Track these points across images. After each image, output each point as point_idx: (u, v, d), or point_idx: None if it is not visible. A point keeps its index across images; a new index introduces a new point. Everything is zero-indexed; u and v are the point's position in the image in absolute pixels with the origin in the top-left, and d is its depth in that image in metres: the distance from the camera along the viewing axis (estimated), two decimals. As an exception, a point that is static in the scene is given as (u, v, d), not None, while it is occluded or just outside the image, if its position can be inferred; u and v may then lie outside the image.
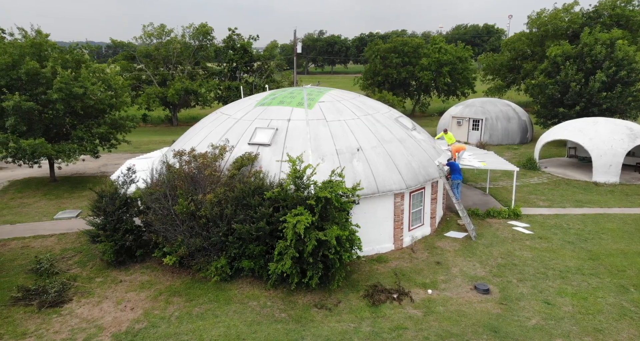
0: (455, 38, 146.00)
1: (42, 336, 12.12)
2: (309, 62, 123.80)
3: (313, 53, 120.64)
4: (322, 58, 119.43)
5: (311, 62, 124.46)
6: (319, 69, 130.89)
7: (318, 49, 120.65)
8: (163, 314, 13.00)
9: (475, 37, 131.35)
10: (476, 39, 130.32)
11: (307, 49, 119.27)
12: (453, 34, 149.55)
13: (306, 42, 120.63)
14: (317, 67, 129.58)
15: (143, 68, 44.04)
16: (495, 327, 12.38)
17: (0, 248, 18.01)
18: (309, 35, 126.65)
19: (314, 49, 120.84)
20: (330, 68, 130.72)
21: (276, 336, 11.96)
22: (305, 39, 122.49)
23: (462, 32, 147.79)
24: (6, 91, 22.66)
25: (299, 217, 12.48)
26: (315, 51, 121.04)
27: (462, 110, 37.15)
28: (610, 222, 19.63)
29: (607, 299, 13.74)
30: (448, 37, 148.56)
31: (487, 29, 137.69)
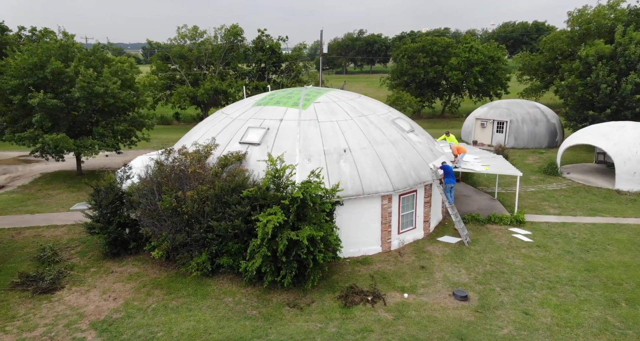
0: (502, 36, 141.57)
1: (28, 321, 12.96)
2: (348, 61, 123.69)
3: (352, 52, 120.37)
4: (360, 58, 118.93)
5: (350, 61, 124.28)
6: (357, 69, 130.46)
7: (357, 48, 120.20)
8: (141, 305, 13.58)
9: (523, 34, 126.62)
10: (525, 37, 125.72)
11: (346, 48, 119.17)
12: (499, 31, 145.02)
13: (345, 41, 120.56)
14: (357, 66, 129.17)
15: (177, 68, 45.56)
16: (463, 335, 12.14)
17: (15, 236, 19.29)
18: (348, 34, 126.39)
19: (353, 49, 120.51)
20: (370, 67, 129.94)
21: (242, 332, 12.25)
22: (345, 39, 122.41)
23: (509, 30, 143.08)
24: (33, 89, 24.17)
25: (270, 216, 12.71)
26: (354, 50, 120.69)
27: (486, 112, 36.17)
28: (621, 233, 18.66)
29: (592, 312, 13.15)
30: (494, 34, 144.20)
31: (537, 27, 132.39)
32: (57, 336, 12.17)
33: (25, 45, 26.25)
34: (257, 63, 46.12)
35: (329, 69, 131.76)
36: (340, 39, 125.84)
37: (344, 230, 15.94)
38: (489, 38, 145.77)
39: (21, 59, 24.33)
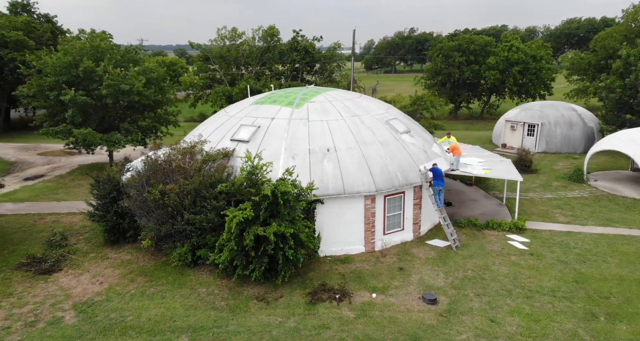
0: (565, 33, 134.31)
1: (22, 298, 14.23)
2: (398, 60, 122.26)
3: (402, 51, 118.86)
4: (410, 56, 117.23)
5: (400, 60, 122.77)
6: (407, 68, 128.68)
7: (407, 47, 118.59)
8: (122, 290, 14.51)
9: (590, 31, 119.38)
10: (591, 33, 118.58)
11: (395, 47, 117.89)
12: (563, 28, 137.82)
13: (395, 40, 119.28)
14: (407, 65, 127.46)
15: (216, 68, 47.19)
16: (418, 337, 12.07)
17: (37, 221, 21.01)
18: (399, 33, 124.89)
19: (403, 47, 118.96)
20: (420, 66, 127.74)
21: (204, 321, 12.82)
22: (395, 37, 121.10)
23: (573, 26, 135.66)
24: (65, 86, 26.09)
25: (237, 212, 13.19)
26: (404, 49, 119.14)
27: (517, 114, 34.84)
28: (629, 245, 17.59)
29: (564, 324, 12.61)
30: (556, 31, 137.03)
31: (605, 23, 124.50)
32: (41, 314, 13.29)
33: (61, 45, 28.32)
34: (291, 63, 46.85)
35: (378, 68, 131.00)
36: (390, 38, 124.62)
37: (325, 228, 16.18)
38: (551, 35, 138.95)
39: (56, 58, 26.31)
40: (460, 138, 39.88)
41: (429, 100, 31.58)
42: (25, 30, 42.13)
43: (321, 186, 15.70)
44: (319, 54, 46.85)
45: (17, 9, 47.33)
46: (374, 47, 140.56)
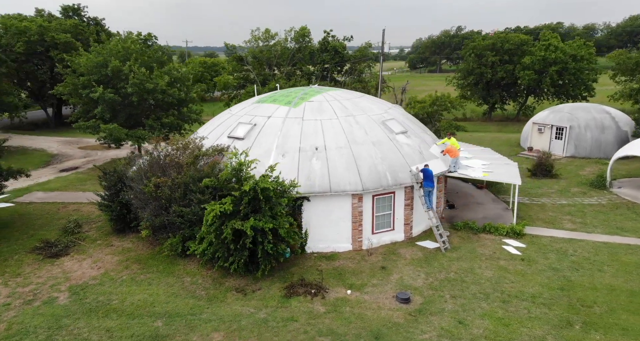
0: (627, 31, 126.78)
1: (27, 278, 15.54)
2: (444, 59, 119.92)
3: (447, 50, 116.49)
4: (456, 55, 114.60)
5: (446, 59, 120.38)
6: (454, 67, 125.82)
7: (453, 46, 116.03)
8: (115, 276, 15.53)
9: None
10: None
11: (441, 45, 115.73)
12: (625, 25, 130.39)
13: (440, 38, 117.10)
14: (453, 65, 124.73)
15: (249, 69, 48.50)
16: (380, 334, 12.24)
17: (61, 209, 22.65)
18: (445, 31, 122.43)
19: (449, 46, 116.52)
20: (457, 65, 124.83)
21: (181, 308, 13.55)
22: (440, 36, 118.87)
23: (637, 23, 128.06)
24: (95, 85, 27.84)
25: (215, 205, 13.83)
26: (450, 48, 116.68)
27: (545, 116, 33.65)
28: (632, 255, 16.84)
29: (534, 331, 12.38)
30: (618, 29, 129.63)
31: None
32: (39, 294, 14.50)
33: (92, 46, 30.20)
34: (321, 63, 47.35)
35: (423, 67, 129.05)
36: (436, 36, 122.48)
37: (312, 225, 16.57)
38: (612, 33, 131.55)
39: (87, 59, 28.14)
40: (489, 140, 39.07)
41: (448, 100, 31.11)
42: (73, 33, 45.07)
43: (308, 184, 16.10)
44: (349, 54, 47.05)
45: (68, 13, 50.62)
46: (420, 45, 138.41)
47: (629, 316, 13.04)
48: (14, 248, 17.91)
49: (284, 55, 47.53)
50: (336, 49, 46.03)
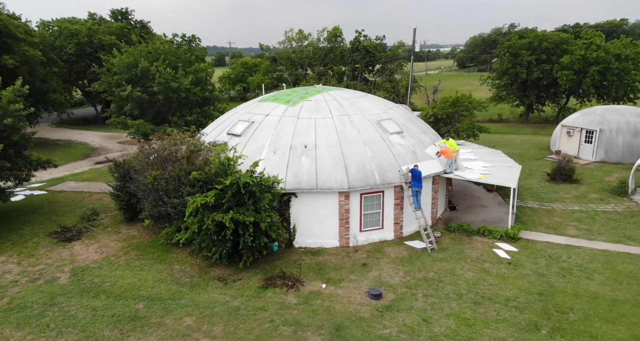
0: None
1: (39, 259, 17.07)
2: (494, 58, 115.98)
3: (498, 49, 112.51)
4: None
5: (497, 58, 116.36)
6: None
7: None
8: (114, 261, 16.76)
9: None
10: None
11: (491, 44, 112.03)
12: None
13: (491, 36, 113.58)
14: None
15: (282, 69, 49.66)
16: (341, 327, 12.62)
17: (86, 198, 24.43)
18: (496, 29, 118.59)
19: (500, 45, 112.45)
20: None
21: (164, 294, 14.49)
22: (491, 34, 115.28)
23: None
24: (125, 83, 29.70)
25: (198, 198, 14.68)
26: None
27: (575, 119, 32.34)
28: (629, 264, 16.20)
29: (497, 332, 12.34)
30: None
31: None
32: (45, 274, 15.94)
33: (124, 48, 32.15)
34: (351, 63, 47.66)
35: (472, 66, 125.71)
36: (486, 34, 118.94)
37: (300, 221, 17.13)
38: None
39: (119, 59, 30.05)
40: (519, 143, 37.99)
41: (467, 101, 30.58)
42: (119, 35, 47.90)
43: (295, 180, 16.66)
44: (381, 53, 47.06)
45: (117, 16, 53.79)
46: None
47: (602, 325, 12.69)
48: (35, 232, 19.63)
49: (315, 56, 48.23)
50: (367, 48, 46.17)
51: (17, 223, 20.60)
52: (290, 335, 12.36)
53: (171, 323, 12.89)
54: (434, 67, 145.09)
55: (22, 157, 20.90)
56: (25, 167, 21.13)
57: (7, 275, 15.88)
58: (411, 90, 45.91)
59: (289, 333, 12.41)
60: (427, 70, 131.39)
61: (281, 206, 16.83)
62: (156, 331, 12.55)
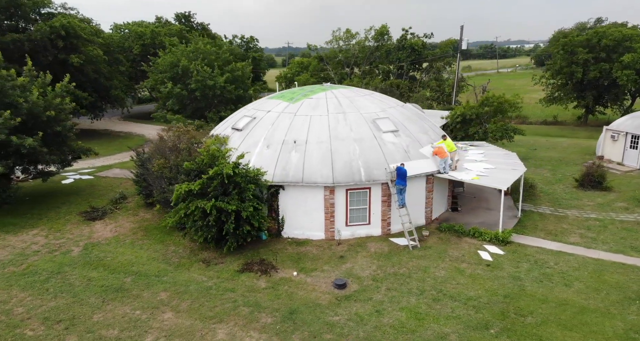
0: None
1: (63, 234, 19.39)
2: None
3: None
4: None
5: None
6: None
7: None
8: (121, 239, 18.67)
9: None
10: None
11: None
12: None
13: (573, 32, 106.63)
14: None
15: (328, 69, 50.67)
16: (295, 311, 13.42)
17: (123, 183, 26.88)
18: (579, 24, 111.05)
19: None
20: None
21: (152, 271, 16.05)
22: (574, 29, 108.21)
23: None
24: (166, 81, 32.22)
25: (182, 185, 16.08)
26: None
27: (621, 123, 30.32)
28: (618, 274, 15.46)
29: (443, 328, 12.55)
30: None
31: None
32: (62, 247, 18.16)
33: (167, 49, 34.73)
34: (397, 61, 47.54)
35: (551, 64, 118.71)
36: (568, 30, 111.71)
37: (288, 213, 18.07)
38: None
39: (162, 59, 32.62)
40: (564, 147, 36.21)
41: (497, 101, 29.66)
42: (178, 36, 51.39)
43: (283, 173, 17.61)
44: (428, 51, 46.52)
45: (180, 19, 57.62)
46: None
47: (557, 330, 12.44)
48: (70, 210, 22.18)
49: (361, 54, 48.68)
50: (413, 46, 45.87)
51: (58, 203, 23.33)
52: (246, 314, 13.36)
53: (147, 296, 14.39)
54: (509, 64, 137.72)
55: (65, 145, 23.62)
56: (69, 154, 23.87)
57: (33, 245, 18.30)
58: (457, 88, 45.00)
59: (246, 313, 13.42)
60: (499, 68, 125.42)
61: (270, 197, 17.84)
62: (132, 302, 14.08)
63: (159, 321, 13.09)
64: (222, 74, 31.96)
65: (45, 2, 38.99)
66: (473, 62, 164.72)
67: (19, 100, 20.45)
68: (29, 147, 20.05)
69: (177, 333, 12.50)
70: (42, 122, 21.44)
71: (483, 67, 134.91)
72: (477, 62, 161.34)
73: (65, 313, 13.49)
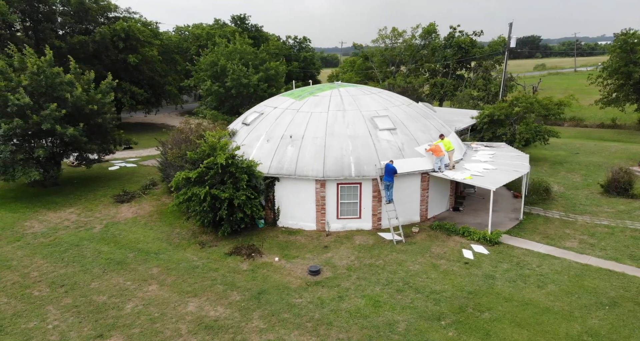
0: None
1: (93, 213, 21.79)
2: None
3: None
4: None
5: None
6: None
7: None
8: (138, 220, 20.72)
9: None
10: None
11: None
12: None
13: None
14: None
15: (373, 67, 51.09)
16: (264, 292, 14.54)
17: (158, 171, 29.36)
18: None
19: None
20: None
21: (153, 248, 17.84)
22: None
23: None
24: (206, 79, 34.46)
25: (181, 173, 17.70)
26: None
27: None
28: (600, 280, 15.06)
29: (396, 316, 13.11)
30: None
31: None
32: (89, 224, 20.50)
33: (209, 48, 36.97)
34: (442, 60, 46.97)
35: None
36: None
37: (284, 203, 19.22)
38: None
39: (204, 58, 34.93)
40: (612, 152, 34.45)
41: (528, 102, 28.82)
42: (228, 37, 54.07)
43: (278, 166, 18.76)
44: (475, 49, 45.59)
45: (236, 21, 60.48)
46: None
47: (508, 327, 12.58)
48: (106, 193, 24.77)
49: (407, 52, 48.65)
50: (460, 44, 45.17)
51: (98, 186, 26.09)
52: (219, 292, 14.66)
53: (141, 270, 16.14)
54: (592, 62, 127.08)
55: (107, 135, 26.29)
56: (110, 143, 26.58)
57: (65, 222, 20.85)
58: (505, 88, 43.77)
59: (220, 291, 14.72)
60: (579, 66, 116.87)
61: (266, 188, 19.06)
62: (127, 274, 15.89)
63: (144, 291, 14.74)
64: (257, 73, 33.66)
65: (111, 7, 42.96)
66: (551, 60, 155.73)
67: (65, 94, 23.20)
68: (71, 135, 22.69)
69: (154, 303, 14.05)
70: (85, 114, 24.12)
71: (561, 65, 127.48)
72: (557, 60, 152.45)
73: (70, 279, 15.53)
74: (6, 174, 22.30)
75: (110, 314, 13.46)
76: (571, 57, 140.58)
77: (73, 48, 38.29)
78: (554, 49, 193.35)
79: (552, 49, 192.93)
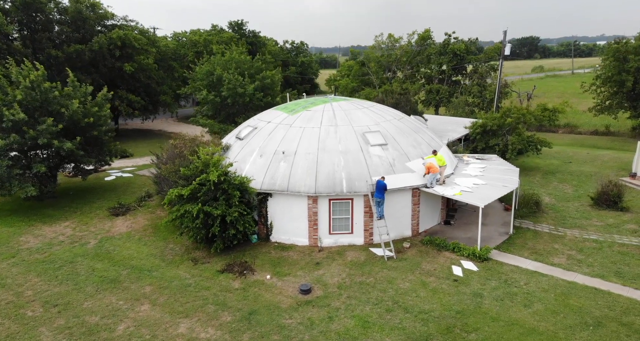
0: None
1: (88, 227, 21.99)
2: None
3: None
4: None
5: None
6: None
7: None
8: (132, 234, 20.91)
9: None
10: None
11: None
12: None
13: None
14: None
15: (369, 73, 51.32)
16: (255, 312, 14.73)
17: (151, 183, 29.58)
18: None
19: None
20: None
21: (146, 265, 18.02)
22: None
23: None
24: (202, 88, 34.65)
25: (174, 190, 17.89)
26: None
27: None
28: (585, 299, 15.26)
29: (385, 338, 13.32)
30: None
31: None
32: (83, 239, 20.70)
33: (204, 58, 37.15)
34: (438, 66, 47.23)
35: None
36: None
37: (277, 219, 19.42)
38: None
39: (199, 68, 35.11)
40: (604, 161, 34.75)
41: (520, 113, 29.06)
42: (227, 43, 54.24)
43: (271, 182, 18.96)
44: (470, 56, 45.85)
45: (234, 27, 60.61)
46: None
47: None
48: (101, 205, 24.94)
49: (403, 58, 48.89)
50: (455, 51, 45.44)
51: (94, 198, 26.26)
52: (210, 312, 14.86)
53: (134, 288, 16.33)
54: (589, 64, 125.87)
55: (102, 147, 26.44)
56: (106, 154, 26.74)
57: (60, 236, 21.03)
58: (500, 95, 44.02)
59: (211, 311, 14.92)
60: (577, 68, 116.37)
61: (259, 204, 19.26)
62: (120, 293, 16.08)
63: (136, 312, 14.93)
64: (253, 82, 33.85)
65: (108, 16, 43.09)
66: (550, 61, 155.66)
67: (61, 109, 23.36)
68: (68, 149, 22.87)
69: (146, 324, 14.24)
70: (81, 127, 24.29)
71: (559, 66, 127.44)
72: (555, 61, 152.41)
73: (63, 299, 15.72)
74: (3, 189, 22.47)
75: (102, 336, 13.65)
76: (570, 58, 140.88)
77: (70, 57, 38.45)
78: (553, 49, 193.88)
79: (550, 49, 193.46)
